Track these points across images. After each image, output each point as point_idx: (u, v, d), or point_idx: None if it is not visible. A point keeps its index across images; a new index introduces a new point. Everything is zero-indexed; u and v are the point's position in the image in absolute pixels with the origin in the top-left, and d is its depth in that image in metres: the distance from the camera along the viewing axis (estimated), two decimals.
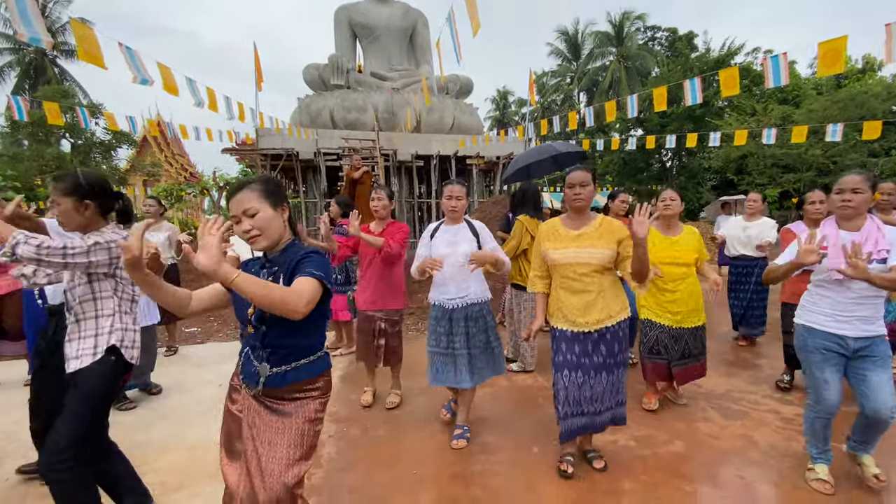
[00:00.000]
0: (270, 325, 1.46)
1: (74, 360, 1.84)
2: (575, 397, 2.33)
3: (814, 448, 2.34)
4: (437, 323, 2.83)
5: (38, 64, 23.19)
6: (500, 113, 38.80)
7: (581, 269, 2.29)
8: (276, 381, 1.48)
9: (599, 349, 2.32)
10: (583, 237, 2.32)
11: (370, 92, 12.68)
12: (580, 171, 2.32)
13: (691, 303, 3.08)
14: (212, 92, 5.36)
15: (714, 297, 3.06)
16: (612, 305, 2.31)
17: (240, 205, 1.45)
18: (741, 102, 17.15)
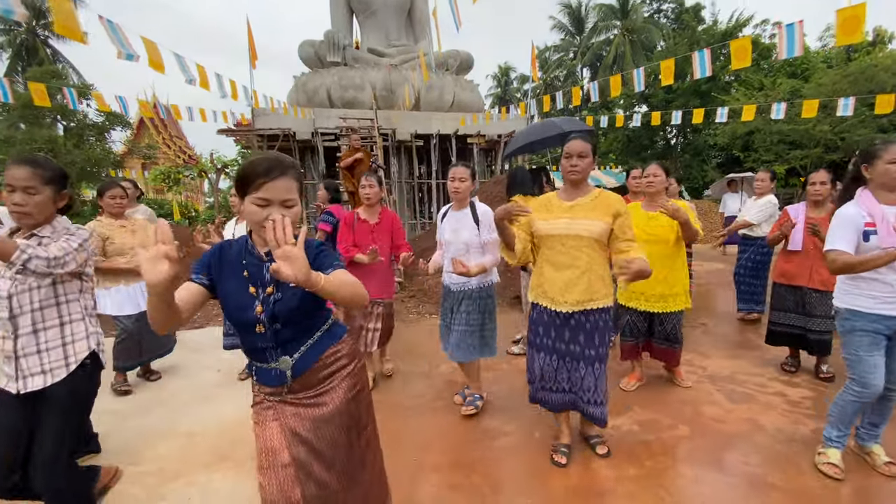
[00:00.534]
0: (286, 321, 1.34)
1: (39, 376, 1.70)
2: (551, 377, 2.31)
3: (834, 430, 2.26)
4: (443, 299, 2.97)
5: (30, 45, 22.69)
6: (502, 90, 38.04)
7: (571, 241, 2.15)
8: (302, 365, 1.37)
9: (577, 337, 2.20)
10: (576, 208, 2.18)
11: (368, 69, 12.36)
12: (579, 141, 2.16)
13: (668, 286, 2.96)
14: (202, 69, 5.16)
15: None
16: (596, 287, 2.15)
17: (284, 192, 1.26)
18: (748, 77, 16.72)
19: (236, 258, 1.36)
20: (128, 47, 3.73)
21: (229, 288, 1.33)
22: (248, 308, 1.32)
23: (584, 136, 2.21)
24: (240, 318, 1.33)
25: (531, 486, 2.20)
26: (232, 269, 1.35)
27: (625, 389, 3.18)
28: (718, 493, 2.10)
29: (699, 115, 8.03)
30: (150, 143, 19.96)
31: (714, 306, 5.37)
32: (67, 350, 1.76)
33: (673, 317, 3.03)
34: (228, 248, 1.40)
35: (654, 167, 2.99)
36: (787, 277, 3.36)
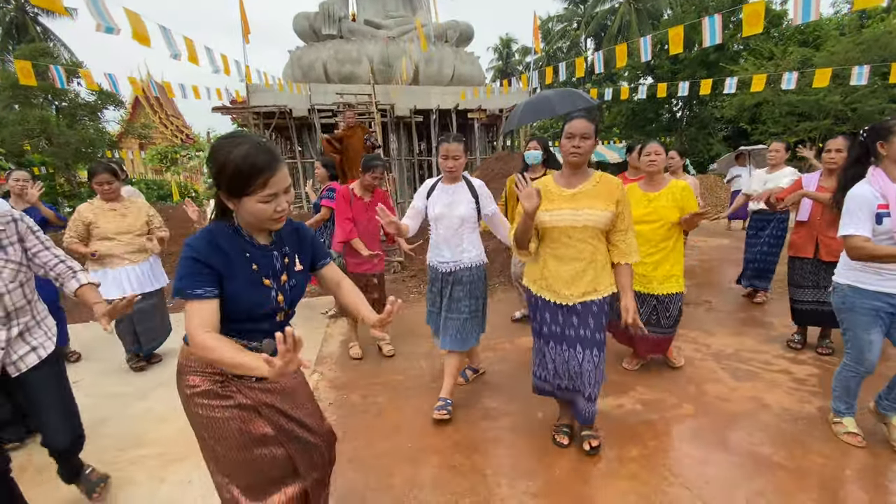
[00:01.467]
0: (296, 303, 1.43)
1: (31, 354, 1.76)
2: (564, 369, 2.17)
3: (842, 404, 2.28)
4: (431, 283, 2.77)
5: (20, 22, 22.07)
6: (504, 63, 37.09)
7: (577, 233, 2.03)
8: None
9: (586, 322, 2.09)
10: (579, 197, 2.04)
11: (364, 42, 12.00)
12: (582, 120, 1.99)
13: (666, 268, 2.85)
14: (190, 42, 4.94)
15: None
16: (601, 278, 2.06)
17: (286, 181, 1.23)
18: (758, 46, 16.19)
19: (234, 251, 1.25)
20: (108, 20, 3.55)
21: (238, 286, 1.23)
22: (266, 300, 1.28)
23: (587, 115, 2.06)
24: (257, 311, 1.27)
25: (533, 466, 2.18)
26: (237, 265, 1.24)
27: (628, 368, 3.14)
28: (723, 473, 2.08)
29: (707, 86, 7.78)
30: (146, 123, 19.64)
31: (718, 283, 5.30)
32: (43, 326, 1.84)
33: (676, 299, 2.91)
34: (216, 241, 1.24)
35: (654, 146, 2.84)
36: (794, 249, 3.28)
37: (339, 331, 4.22)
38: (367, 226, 3.41)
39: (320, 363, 3.51)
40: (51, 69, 5.54)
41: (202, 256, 1.19)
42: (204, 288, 1.17)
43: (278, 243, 1.36)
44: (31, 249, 1.74)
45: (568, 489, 2.01)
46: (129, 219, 3.31)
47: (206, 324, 1.15)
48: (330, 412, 2.76)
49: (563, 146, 2.07)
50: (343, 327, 4.32)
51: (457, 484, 2.08)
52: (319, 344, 3.89)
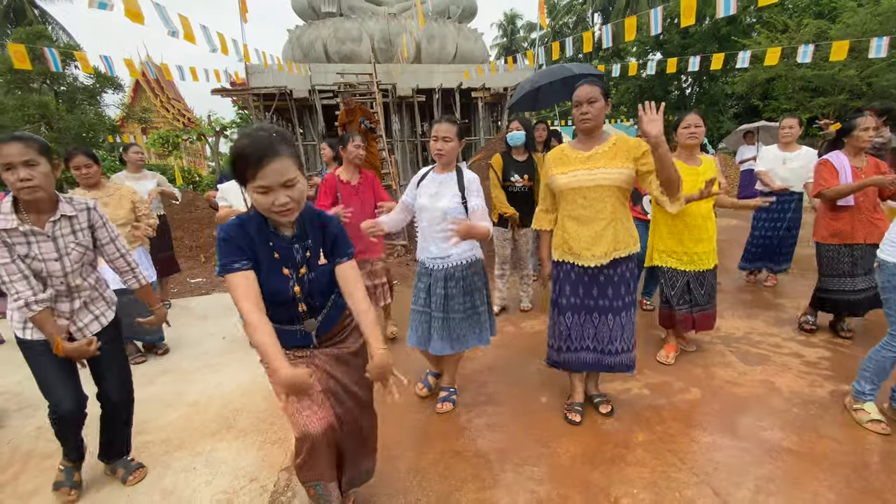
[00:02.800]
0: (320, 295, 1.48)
1: (94, 322, 1.93)
2: (578, 335, 2.24)
3: (868, 384, 2.22)
4: (418, 278, 2.47)
5: (17, 6, 21.74)
6: (508, 40, 36.19)
7: (592, 193, 2.05)
8: (326, 327, 1.52)
9: (606, 292, 2.16)
10: (594, 158, 2.06)
11: (365, 19, 11.70)
12: (586, 86, 2.02)
13: (708, 242, 2.84)
14: (185, 20, 4.80)
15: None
16: (622, 237, 2.10)
17: (281, 175, 1.21)
18: (772, 18, 15.61)
19: (259, 237, 1.35)
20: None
21: (262, 268, 1.34)
22: (284, 289, 1.37)
23: (593, 80, 2.06)
24: (276, 298, 1.37)
25: (538, 452, 2.15)
26: (261, 249, 1.35)
27: (663, 363, 2.97)
28: (732, 459, 2.04)
29: (718, 60, 7.52)
30: (146, 107, 19.46)
31: (727, 264, 5.19)
32: (106, 297, 2.01)
33: (711, 274, 2.89)
34: (243, 226, 1.34)
35: (693, 116, 2.76)
36: (840, 237, 3.00)
37: None
38: (359, 212, 3.06)
39: None
40: (45, 52, 5.43)
41: (233, 237, 1.30)
42: (241, 262, 1.28)
43: (301, 236, 1.41)
44: (100, 239, 1.90)
45: (573, 475, 1.99)
46: (110, 208, 3.06)
47: (249, 295, 1.26)
48: None
49: (573, 114, 2.09)
50: None
51: (461, 469, 2.06)
52: None
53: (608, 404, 2.41)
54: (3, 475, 2.17)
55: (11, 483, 2.12)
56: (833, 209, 3.03)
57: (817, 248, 3.17)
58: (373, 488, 1.97)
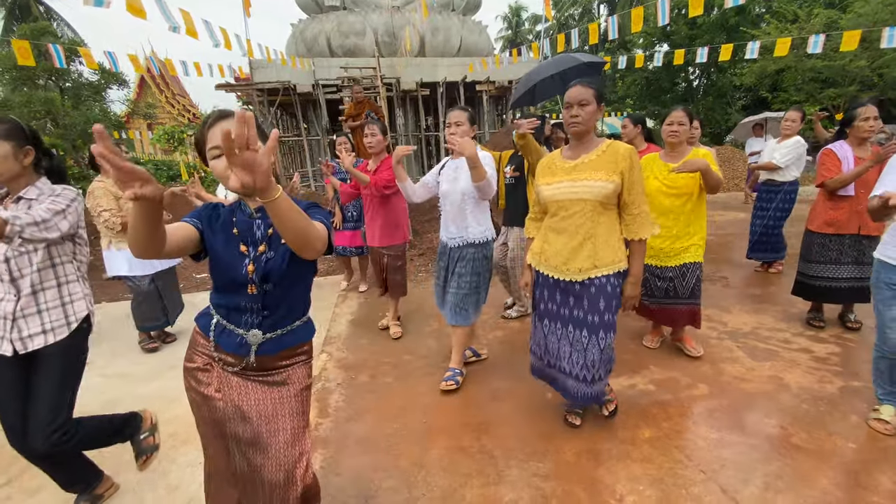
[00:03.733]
0: (277, 282, 1.29)
1: (40, 336, 1.69)
2: (555, 348, 2.13)
3: (879, 388, 2.20)
4: (440, 257, 2.79)
5: (22, 2, 21.80)
6: (513, 32, 35.89)
7: (574, 206, 1.95)
8: (270, 348, 1.33)
9: (582, 303, 2.00)
10: (579, 168, 1.96)
11: (368, 12, 11.62)
12: (578, 87, 1.91)
13: (685, 240, 2.73)
14: (187, 14, 4.77)
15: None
16: (601, 254, 1.95)
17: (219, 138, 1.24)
18: (781, 8, 15.34)
19: (227, 216, 1.33)
20: None
21: (218, 244, 1.28)
22: (239, 266, 1.27)
23: (587, 81, 1.96)
24: (230, 276, 1.28)
25: (543, 448, 2.14)
26: (222, 227, 1.31)
27: (649, 347, 3.06)
28: (739, 455, 2.02)
29: (727, 51, 7.39)
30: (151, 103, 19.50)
31: (735, 258, 5.15)
32: (67, 310, 1.76)
33: (693, 268, 2.78)
34: (222, 207, 1.37)
35: (677, 113, 2.65)
36: (835, 227, 3.01)
37: (348, 310, 4.20)
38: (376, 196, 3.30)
39: (328, 343, 3.50)
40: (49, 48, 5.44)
41: (199, 209, 1.34)
42: (190, 218, 1.29)
43: (263, 211, 1.32)
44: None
45: (578, 471, 1.98)
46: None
47: (171, 227, 1.20)
48: (338, 393, 2.75)
49: (563, 117, 2.01)
50: (353, 307, 4.30)
51: (465, 465, 2.05)
52: (328, 324, 3.87)
53: (612, 403, 2.33)
54: (10, 470, 2.19)
55: (18, 479, 2.14)
56: (832, 199, 3.03)
57: (807, 236, 3.19)
58: (376, 482, 1.97)
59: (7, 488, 2.07)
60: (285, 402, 1.35)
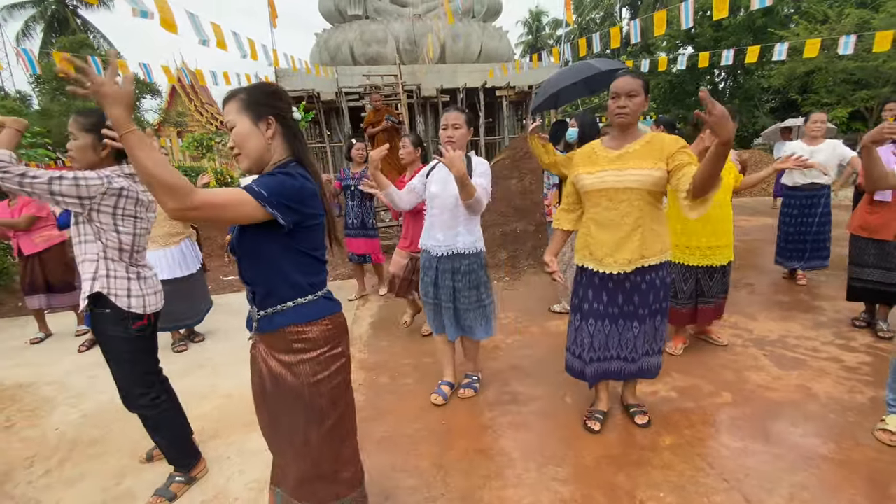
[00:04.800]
0: (241, 255, 1.33)
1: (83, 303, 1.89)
2: (602, 344, 2.14)
3: (891, 393, 2.14)
4: (425, 272, 2.54)
5: (61, 16, 22.95)
6: (533, 37, 35.84)
7: (621, 195, 1.93)
8: (265, 326, 1.33)
9: (632, 299, 2.03)
10: (625, 157, 1.94)
11: (390, 21, 11.82)
12: (628, 78, 1.89)
13: (716, 237, 2.78)
14: (217, 28, 4.98)
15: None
16: (650, 244, 1.96)
17: (226, 118, 1.31)
18: (810, 8, 14.92)
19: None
20: (141, 4, 3.61)
21: None
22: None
23: (633, 72, 1.96)
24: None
25: (562, 452, 2.15)
26: None
27: (672, 353, 3.01)
28: (764, 465, 1.98)
29: (754, 53, 7.24)
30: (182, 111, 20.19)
31: (761, 264, 5.03)
32: (85, 286, 1.87)
33: (721, 270, 2.88)
34: None
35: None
36: (869, 230, 3.06)
37: (369, 312, 4.28)
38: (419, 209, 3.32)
39: (350, 345, 3.56)
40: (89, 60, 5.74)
41: None
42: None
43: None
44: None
45: (597, 476, 1.97)
46: None
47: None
48: (359, 393, 2.81)
49: (609, 107, 1.97)
50: (373, 308, 4.38)
51: (484, 467, 2.07)
52: (349, 326, 3.94)
53: (645, 415, 2.30)
54: (51, 460, 2.32)
55: (58, 468, 2.26)
56: (871, 202, 3.04)
57: (850, 238, 3.23)
58: (396, 481, 2.01)
59: (47, 478, 2.18)
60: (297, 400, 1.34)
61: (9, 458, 2.34)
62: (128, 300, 1.89)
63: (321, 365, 1.35)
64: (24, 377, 3.30)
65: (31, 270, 3.95)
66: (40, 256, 3.95)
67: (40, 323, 4.14)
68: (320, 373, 1.34)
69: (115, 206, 1.84)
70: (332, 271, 5.79)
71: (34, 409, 2.85)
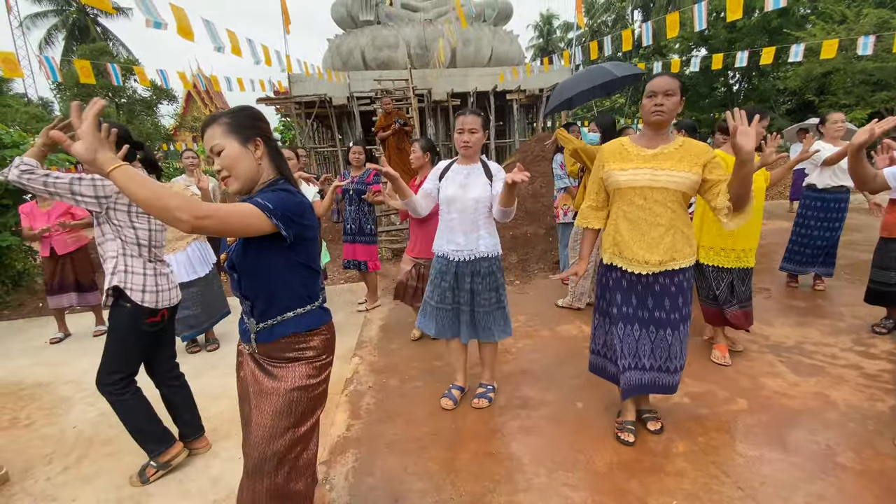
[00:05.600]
0: (240, 271, 1.34)
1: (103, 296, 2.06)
2: (632, 350, 2.08)
3: None
4: (440, 277, 2.49)
5: (81, 24, 23.59)
6: (544, 40, 35.82)
7: (656, 195, 1.92)
8: (265, 337, 1.36)
9: (663, 303, 2.00)
10: (660, 157, 1.93)
11: (401, 26, 11.91)
12: (666, 77, 1.90)
13: (751, 239, 2.79)
14: (233, 35, 5.08)
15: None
16: (680, 246, 1.96)
17: (208, 143, 1.31)
18: (827, 8, 14.67)
19: None
20: (156, 15, 3.71)
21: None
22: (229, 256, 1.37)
23: (670, 73, 1.97)
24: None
25: (573, 458, 2.13)
26: None
27: (720, 363, 2.91)
28: (780, 473, 1.94)
29: (769, 54, 7.14)
30: (197, 116, 20.57)
31: (777, 269, 4.93)
32: (106, 281, 2.02)
33: (748, 273, 2.87)
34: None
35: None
36: (889, 231, 3.06)
37: (379, 316, 4.29)
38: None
39: (360, 347, 3.58)
40: (108, 67, 5.89)
41: None
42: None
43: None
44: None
45: (609, 483, 1.95)
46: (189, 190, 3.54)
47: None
48: (369, 396, 2.82)
49: (644, 106, 1.95)
50: (384, 311, 4.39)
51: (494, 471, 2.07)
52: (360, 329, 3.96)
53: (658, 421, 2.27)
54: (68, 458, 2.36)
55: (76, 465, 2.30)
56: (893, 202, 3.05)
57: (878, 241, 3.22)
58: (406, 484, 2.01)
59: (64, 475, 2.23)
60: (271, 398, 1.34)
61: (28, 455, 2.39)
62: (142, 294, 2.00)
63: (316, 370, 1.40)
64: (44, 376, 3.38)
65: (62, 270, 4.10)
66: (71, 256, 4.11)
67: (60, 323, 4.24)
68: (311, 378, 1.39)
69: (129, 204, 1.99)
70: (343, 274, 5.82)
71: (52, 408, 2.91)
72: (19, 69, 4.99)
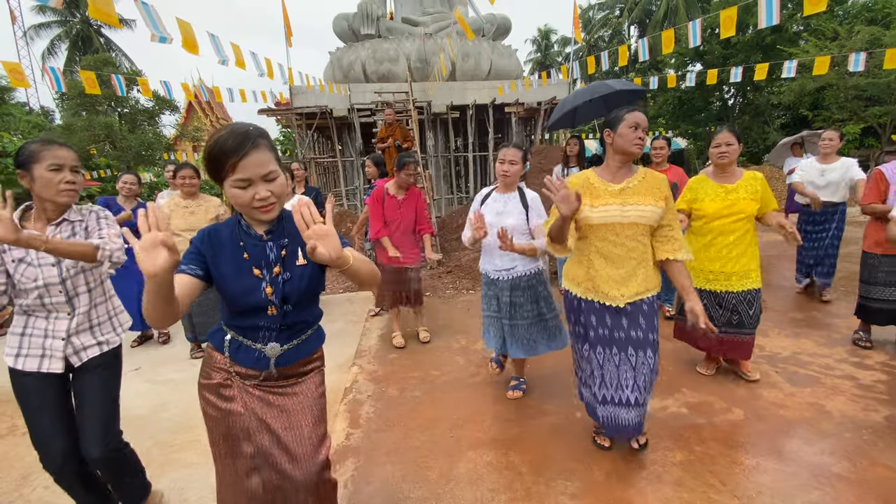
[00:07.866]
0: (296, 302, 1.31)
1: (94, 347, 1.76)
2: (613, 377, 2.02)
3: None
4: (486, 288, 2.77)
5: (85, 35, 23.85)
6: (542, 55, 36.34)
7: (627, 230, 1.94)
8: (288, 359, 1.36)
9: (637, 322, 1.98)
10: (626, 192, 1.95)
11: (402, 40, 12.09)
12: (727, 133, 2.33)
13: (744, 262, 2.70)
14: (237, 48, 5.17)
15: (791, 241, 2.53)
16: (651, 277, 2.00)
17: (259, 168, 1.16)
18: (820, 25, 14.99)
19: (229, 240, 1.29)
20: (161, 30, 3.78)
21: (228, 272, 1.26)
22: (256, 291, 1.27)
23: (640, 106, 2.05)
24: (247, 301, 1.27)
25: (572, 467, 2.14)
26: (228, 253, 1.28)
27: (704, 374, 2.95)
28: (776, 483, 1.96)
29: (763, 70, 7.29)
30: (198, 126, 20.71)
31: (773, 281, 4.99)
32: (114, 322, 1.86)
33: (756, 295, 2.73)
34: (217, 231, 1.32)
35: (725, 135, 2.66)
36: (883, 247, 3.05)
37: (378, 325, 4.31)
38: (400, 223, 3.59)
39: (359, 356, 3.60)
40: (112, 78, 5.97)
41: (197, 242, 1.29)
42: (188, 266, 1.25)
43: (277, 234, 1.31)
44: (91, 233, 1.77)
45: (608, 492, 1.97)
46: (197, 216, 3.49)
47: (178, 290, 1.15)
48: (368, 405, 2.83)
49: (625, 136, 1.92)
50: (382, 321, 4.40)
51: (493, 480, 2.08)
52: (358, 338, 3.98)
53: (643, 436, 2.17)
54: None
55: None
56: (879, 218, 3.02)
57: (862, 256, 3.21)
58: (404, 492, 2.02)
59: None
60: (306, 411, 1.38)
61: (27, 462, 2.39)
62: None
63: (323, 376, 1.52)
64: None
65: None
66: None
67: None
68: (322, 384, 1.50)
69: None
70: (342, 283, 5.84)
71: None
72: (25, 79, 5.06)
